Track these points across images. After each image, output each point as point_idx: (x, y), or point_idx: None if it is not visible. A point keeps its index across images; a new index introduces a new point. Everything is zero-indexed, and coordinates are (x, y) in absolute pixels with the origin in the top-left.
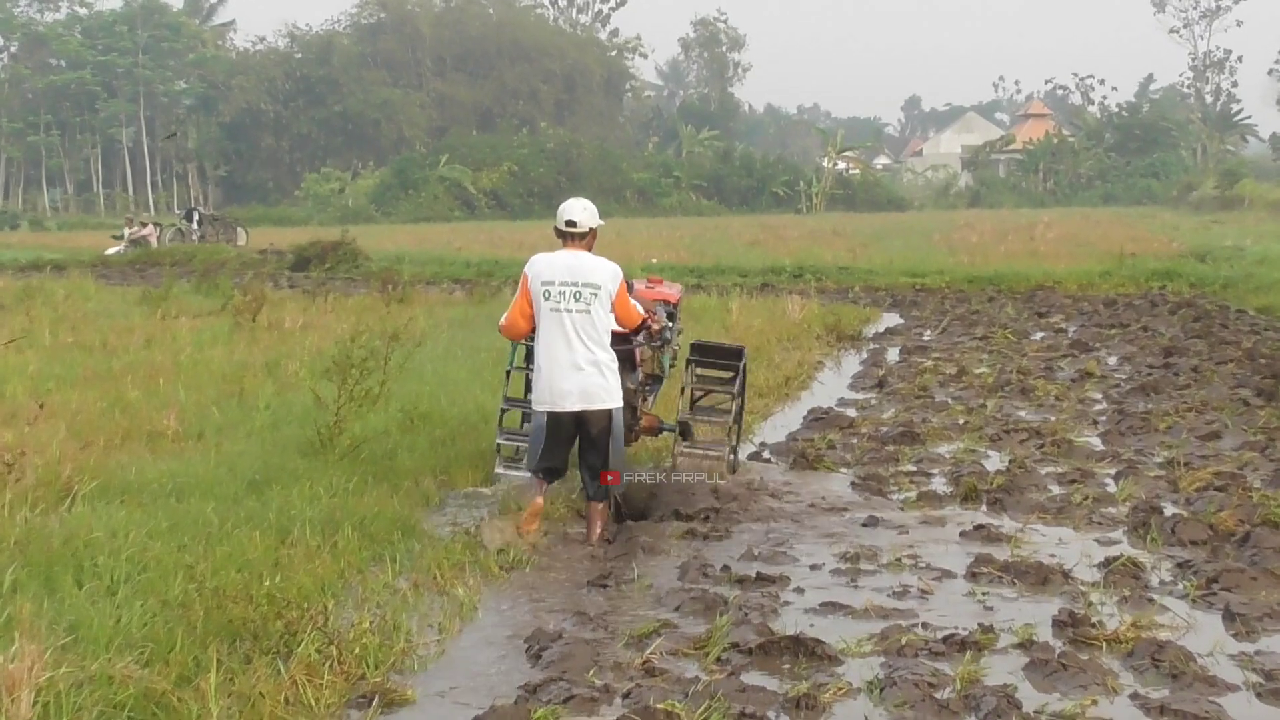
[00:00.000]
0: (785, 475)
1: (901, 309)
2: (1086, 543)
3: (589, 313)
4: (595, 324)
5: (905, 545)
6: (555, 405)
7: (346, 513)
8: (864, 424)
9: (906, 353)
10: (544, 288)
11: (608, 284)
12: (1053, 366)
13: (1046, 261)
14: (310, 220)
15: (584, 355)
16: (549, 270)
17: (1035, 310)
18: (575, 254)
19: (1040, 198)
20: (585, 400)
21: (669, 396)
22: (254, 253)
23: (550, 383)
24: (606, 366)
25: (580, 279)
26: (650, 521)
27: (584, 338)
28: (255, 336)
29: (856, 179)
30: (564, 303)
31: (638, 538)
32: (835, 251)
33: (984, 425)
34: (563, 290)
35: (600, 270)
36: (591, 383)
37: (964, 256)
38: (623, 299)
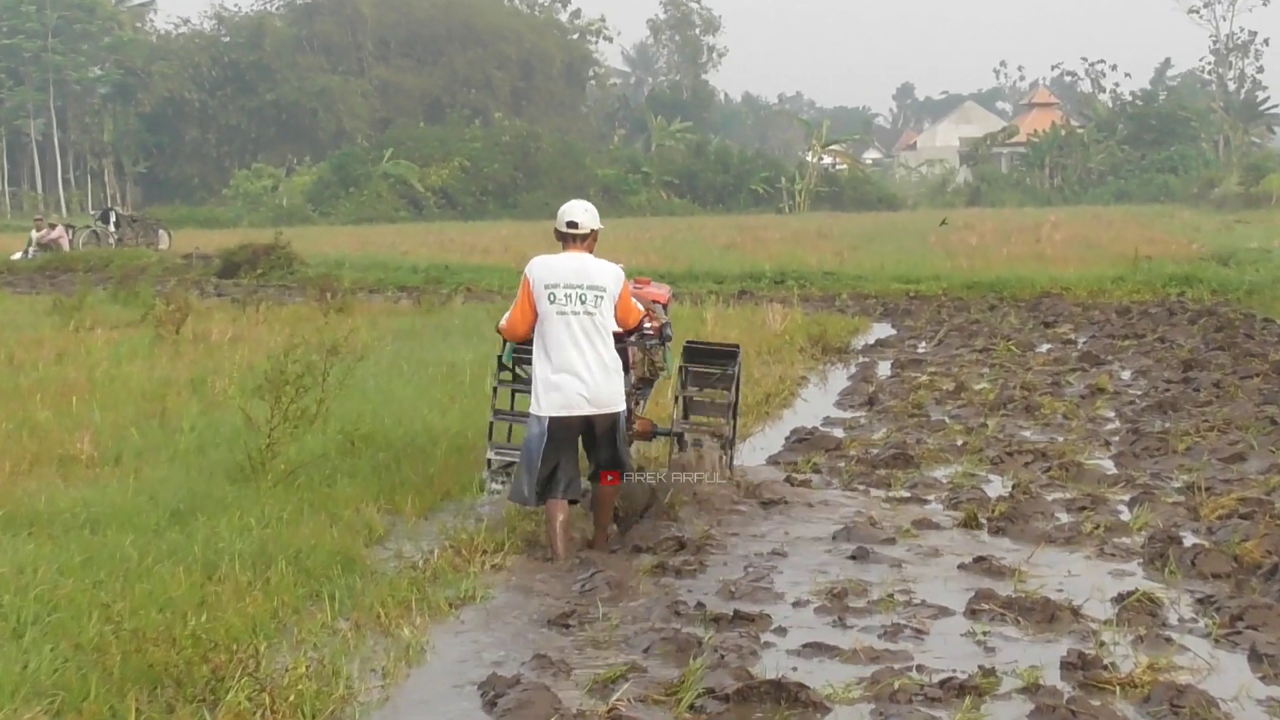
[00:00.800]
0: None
1: (893, 319)
2: (1098, 576)
3: (595, 315)
4: (601, 326)
5: (898, 579)
6: (562, 410)
7: (280, 545)
8: (852, 445)
9: (899, 367)
10: (548, 291)
11: (612, 286)
12: (1060, 382)
13: (1053, 266)
14: (240, 221)
15: (592, 358)
16: (553, 273)
17: (1041, 320)
18: (578, 256)
19: (1046, 195)
20: (594, 405)
21: (662, 402)
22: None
23: (557, 387)
24: (613, 369)
25: (585, 281)
26: (618, 554)
27: (591, 341)
28: (179, 350)
29: (843, 175)
30: (570, 306)
31: (603, 571)
32: (820, 255)
33: (985, 446)
34: (568, 293)
35: (604, 272)
36: (599, 386)
37: (962, 260)
38: (625, 300)
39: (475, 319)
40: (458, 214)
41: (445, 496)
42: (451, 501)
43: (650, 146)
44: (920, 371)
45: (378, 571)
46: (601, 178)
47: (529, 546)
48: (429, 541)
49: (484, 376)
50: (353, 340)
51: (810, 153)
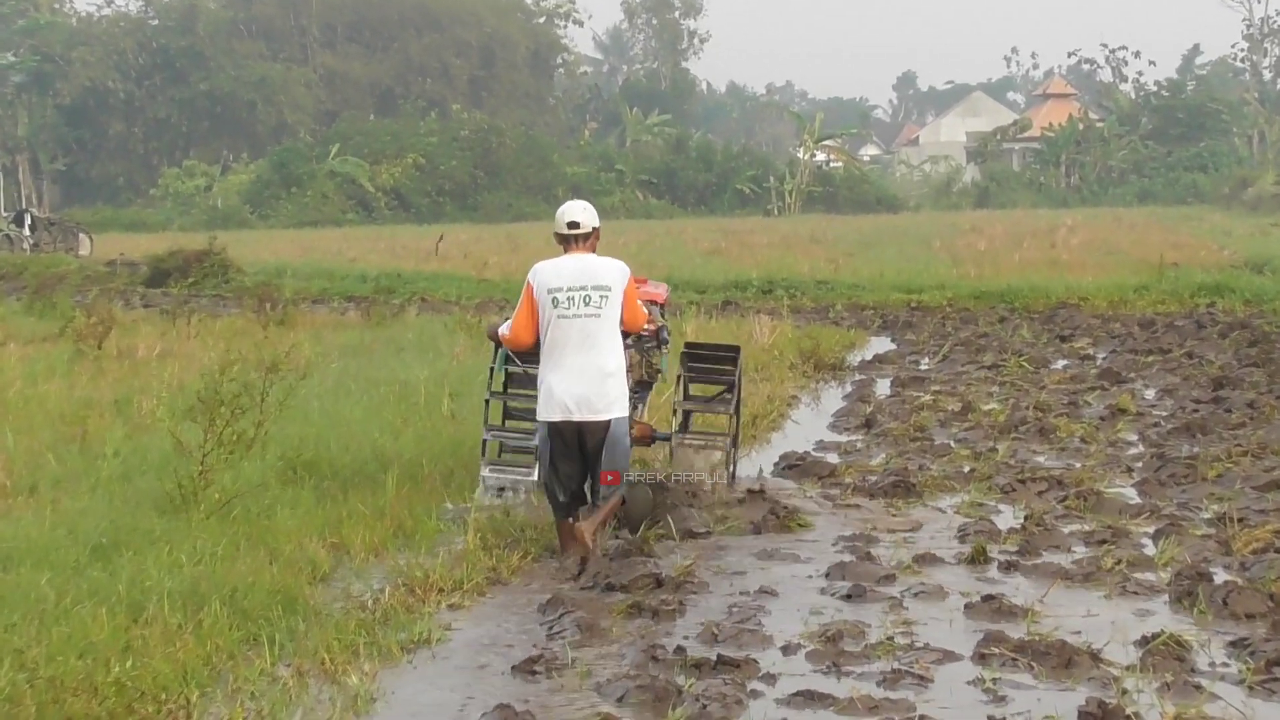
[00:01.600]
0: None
1: (894, 332)
2: (1119, 616)
3: (600, 316)
4: (606, 328)
5: (898, 621)
6: (554, 415)
7: (214, 584)
8: (848, 472)
9: (899, 385)
10: (551, 295)
11: (618, 284)
12: (1078, 402)
13: (1070, 273)
14: (170, 225)
15: (589, 363)
16: (556, 276)
17: (1056, 333)
18: (581, 257)
19: (1062, 195)
20: (583, 411)
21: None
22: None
23: (550, 392)
24: (612, 375)
25: (589, 281)
26: (588, 593)
27: (596, 344)
28: (102, 367)
29: (838, 173)
30: (574, 308)
31: (573, 612)
32: (813, 261)
33: (994, 473)
34: (571, 295)
35: (609, 271)
36: (590, 391)
37: (970, 267)
38: (631, 299)
39: (431, 332)
40: (411, 216)
41: (398, 530)
42: (404, 535)
43: (625, 142)
44: (923, 390)
45: (322, 612)
46: (570, 176)
47: (491, 584)
48: (379, 579)
49: (440, 396)
50: (295, 356)
51: (802, 149)
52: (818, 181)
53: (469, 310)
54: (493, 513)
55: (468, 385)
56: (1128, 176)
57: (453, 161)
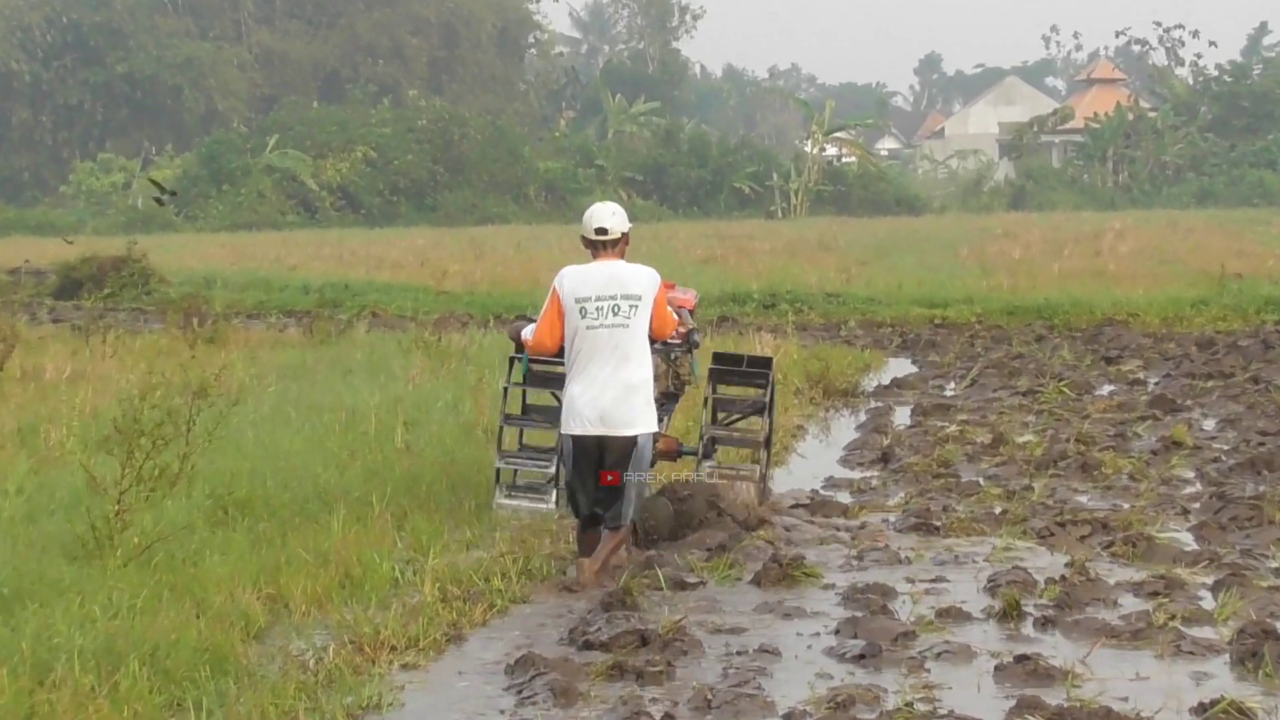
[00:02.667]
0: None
1: (914, 352)
2: (1173, 680)
3: (628, 327)
4: (635, 339)
5: (919, 685)
6: (576, 428)
7: (132, 641)
8: (862, 512)
9: (921, 414)
10: (579, 305)
11: (648, 293)
12: (1126, 433)
13: (1118, 285)
14: (83, 227)
15: (614, 375)
16: (584, 285)
17: (1101, 354)
18: (610, 264)
19: (1109, 196)
20: (605, 425)
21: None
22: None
23: (573, 404)
24: (638, 389)
25: (619, 291)
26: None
27: (623, 355)
28: (3, 392)
29: (851, 170)
30: (602, 318)
31: (545, 674)
32: (822, 271)
33: (1029, 515)
34: (599, 305)
35: (639, 279)
36: (615, 405)
37: (1002, 279)
38: (661, 308)
39: (383, 352)
40: (361, 218)
41: (344, 579)
42: (352, 585)
43: (606, 133)
44: (948, 420)
45: (256, 674)
46: (544, 173)
47: (451, 641)
48: (323, 636)
49: (393, 425)
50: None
51: (809, 141)
52: (828, 179)
53: (427, 326)
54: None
55: (425, 413)
56: (1184, 174)
57: (408, 155)
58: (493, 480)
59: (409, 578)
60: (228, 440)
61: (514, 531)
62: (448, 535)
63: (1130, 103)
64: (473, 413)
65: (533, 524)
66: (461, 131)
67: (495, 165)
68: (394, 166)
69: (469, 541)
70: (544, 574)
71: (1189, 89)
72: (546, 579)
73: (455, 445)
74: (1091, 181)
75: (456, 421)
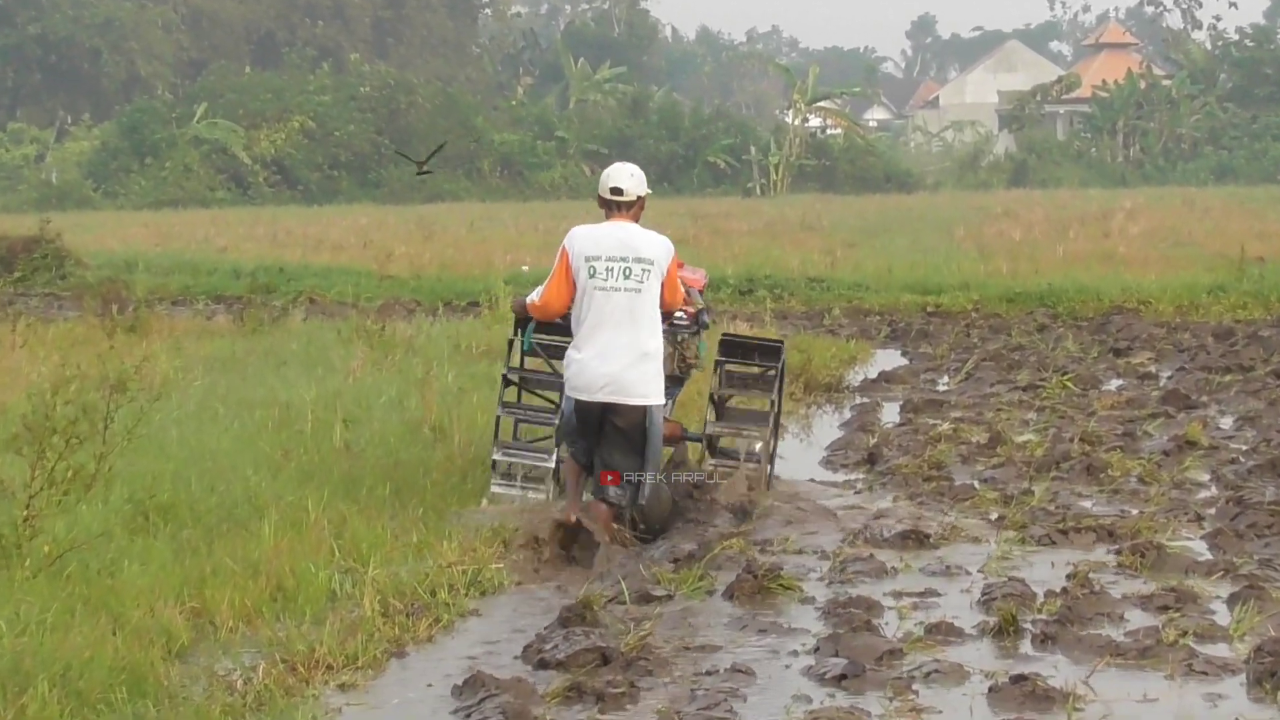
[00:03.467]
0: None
1: (904, 343)
2: (1185, 701)
3: (640, 291)
4: (647, 305)
5: (905, 709)
6: (583, 392)
7: (41, 659)
8: (846, 519)
9: (912, 410)
10: (589, 264)
11: (661, 259)
12: (1135, 432)
13: (1128, 270)
14: None
15: (626, 340)
16: (594, 245)
17: (1109, 345)
18: (623, 225)
19: (1119, 172)
20: (615, 392)
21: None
22: None
23: (581, 367)
24: (650, 356)
25: (631, 254)
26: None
27: (635, 320)
28: None
29: (837, 143)
30: (612, 280)
31: (496, 695)
32: (804, 254)
33: (1029, 522)
34: (610, 266)
35: (653, 244)
36: (627, 372)
37: (1001, 262)
38: (673, 278)
39: (321, 342)
40: (298, 195)
41: (276, 591)
42: (284, 598)
43: (568, 102)
44: (941, 417)
45: (179, 696)
46: (499, 146)
47: (393, 658)
48: (251, 654)
49: (331, 423)
50: (148, 372)
51: (791, 112)
52: (811, 153)
53: (369, 314)
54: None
55: (366, 409)
56: (1201, 148)
57: (350, 126)
58: (490, 470)
59: (347, 590)
60: (149, 439)
61: (463, 540)
62: (390, 544)
63: (1142, 70)
64: (419, 409)
65: (482, 533)
66: (408, 100)
67: (446, 137)
68: (334, 138)
69: (414, 551)
70: (495, 586)
71: (1207, 55)
72: (498, 591)
73: (399, 445)
74: (1100, 156)
75: (401, 419)
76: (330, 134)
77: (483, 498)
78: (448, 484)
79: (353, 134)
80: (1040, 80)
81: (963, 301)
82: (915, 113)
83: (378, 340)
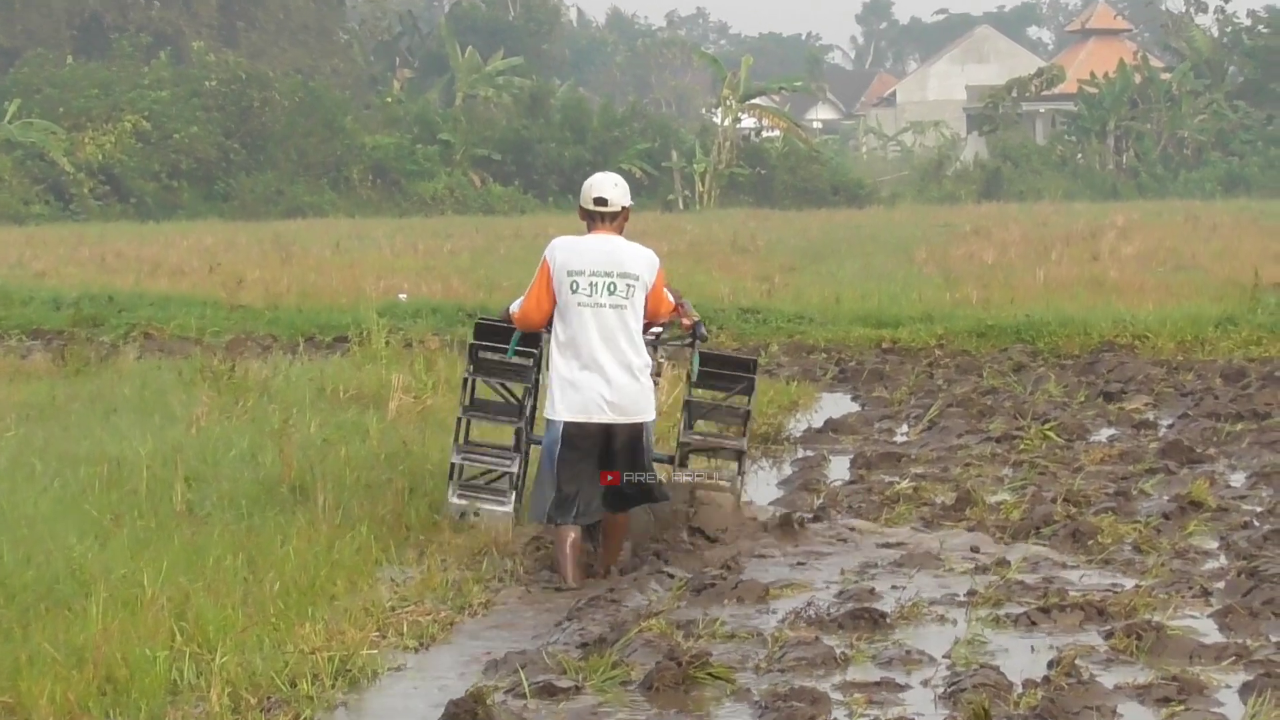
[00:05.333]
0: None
1: (856, 386)
2: None
3: (624, 308)
4: (631, 322)
5: None
6: (580, 414)
7: None
8: (785, 594)
9: (864, 466)
10: (571, 279)
11: (645, 274)
12: (1129, 491)
13: (1121, 299)
14: None
15: (618, 358)
16: (578, 258)
17: (1099, 389)
18: (608, 239)
19: (1110, 182)
20: (616, 411)
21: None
22: None
23: (575, 387)
24: (641, 372)
25: (616, 269)
26: None
27: (619, 338)
28: None
29: (774, 148)
30: (595, 296)
31: None
32: (736, 280)
33: (1005, 597)
34: (593, 282)
35: (638, 258)
36: (624, 391)
37: (971, 289)
38: (658, 290)
39: (159, 385)
40: (131, 209)
41: (105, 682)
42: (115, 690)
43: (454, 98)
44: (898, 473)
45: None
46: (371, 150)
47: None
48: None
49: (171, 481)
50: None
51: (720, 111)
52: (744, 159)
53: (217, 352)
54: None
55: (213, 465)
56: (1207, 154)
57: (193, 127)
58: (447, 475)
59: (191, 680)
60: None
61: (328, 622)
62: (242, 626)
63: (1137, 61)
64: (276, 465)
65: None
66: (263, 96)
67: (307, 141)
68: (174, 142)
69: (270, 634)
70: (367, 674)
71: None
72: (369, 682)
73: (253, 508)
74: (1087, 163)
75: (254, 476)
76: (169, 137)
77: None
78: (311, 554)
79: (196, 137)
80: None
81: (925, 336)
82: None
83: (226, 383)
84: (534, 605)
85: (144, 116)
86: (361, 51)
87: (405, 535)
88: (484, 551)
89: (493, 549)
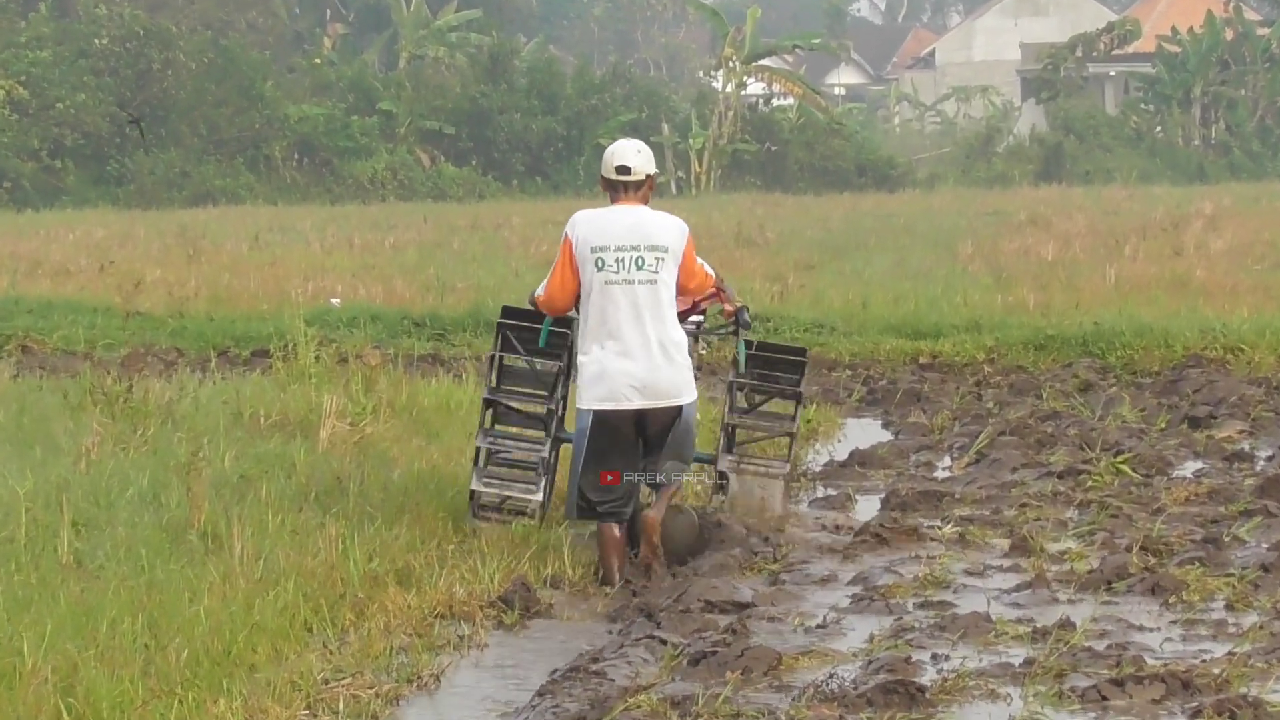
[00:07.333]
0: None
1: (888, 409)
2: None
3: (655, 283)
4: (663, 297)
5: None
6: (607, 402)
7: None
8: (803, 663)
9: (898, 506)
10: (595, 255)
11: (675, 244)
12: (1220, 538)
13: (1209, 303)
14: None
15: (650, 337)
16: (601, 233)
17: (1184, 413)
18: (633, 209)
19: (1195, 161)
20: (647, 395)
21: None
22: None
23: (602, 374)
24: (676, 350)
25: (643, 241)
26: None
27: (649, 316)
28: None
29: (787, 120)
30: (623, 272)
31: None
32: (742, 280)
33: (1069, 667)
34: (620, 257)
35: (666, 229)
36: (656, 372)
37: (1027, 292)
38: (690, 261)
39: (42, 409)
40: (4, 195)
41: None
42: None
43: (396, 60)
44: (941, 516)
45: None
46: (297, 124)
47: None
48: None
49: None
50: None
51: (722, 74)
52: (750, 133)
53: (111, 369)
54: None
55: (107, 507)
56: None
57: (80, 95)
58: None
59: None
60: None
61: (247, 698)
62: (142, 703)
63: (1230, 12)
64: (182, 507)
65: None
66: (164, 57)
67: (220, 112)
68: (56, 112)
69: (175, 712)
70: None
71: None
72: None
73: (155, 559)
74: (1168, 138)
75: (157, 521)
76: (51, 106)
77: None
78: (225, 615)
79: (84, 106)
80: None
81: (971, 349)
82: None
83: (122, 407)
84: (497, 676)
85: (19, 82)
86: (285, 3)
87: (341, 592)
88: (436, 613)
89: (447, 610)
